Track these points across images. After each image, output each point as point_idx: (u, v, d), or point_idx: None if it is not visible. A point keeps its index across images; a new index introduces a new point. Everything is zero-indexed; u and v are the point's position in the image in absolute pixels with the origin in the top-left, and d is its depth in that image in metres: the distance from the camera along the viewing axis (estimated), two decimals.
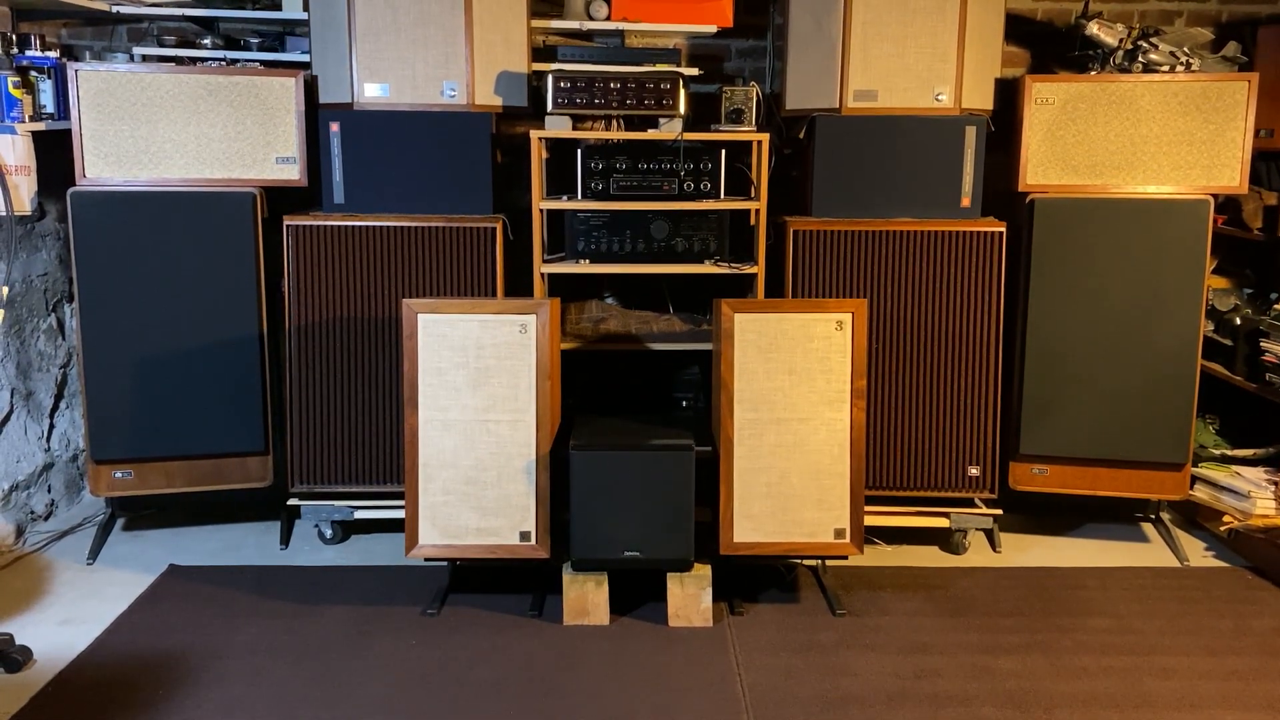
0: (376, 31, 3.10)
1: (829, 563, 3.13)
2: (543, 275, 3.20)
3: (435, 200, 3.18)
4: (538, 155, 3.13)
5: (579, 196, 3.18)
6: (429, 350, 2.84)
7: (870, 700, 2.46)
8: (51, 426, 3.54)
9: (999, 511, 3.27)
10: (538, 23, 3.41)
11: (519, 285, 3.28)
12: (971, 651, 2.69)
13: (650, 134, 3.17)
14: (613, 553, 2.80)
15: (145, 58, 3.41)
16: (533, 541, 2.86)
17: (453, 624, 2.82)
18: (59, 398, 3.58)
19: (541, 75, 3.21)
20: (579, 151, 3.16)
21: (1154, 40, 3.29)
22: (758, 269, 3.17)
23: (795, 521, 2.86)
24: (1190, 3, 3.75)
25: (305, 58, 3.40)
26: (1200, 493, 3.41)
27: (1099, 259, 3.15)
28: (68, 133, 3.07)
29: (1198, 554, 3.33)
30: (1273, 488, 3.28)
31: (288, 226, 3.14)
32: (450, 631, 2.78)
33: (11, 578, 3.10)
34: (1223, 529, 3.33)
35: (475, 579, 3.06)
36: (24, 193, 3.08)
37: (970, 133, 3.15)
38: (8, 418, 3.34)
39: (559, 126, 3.15)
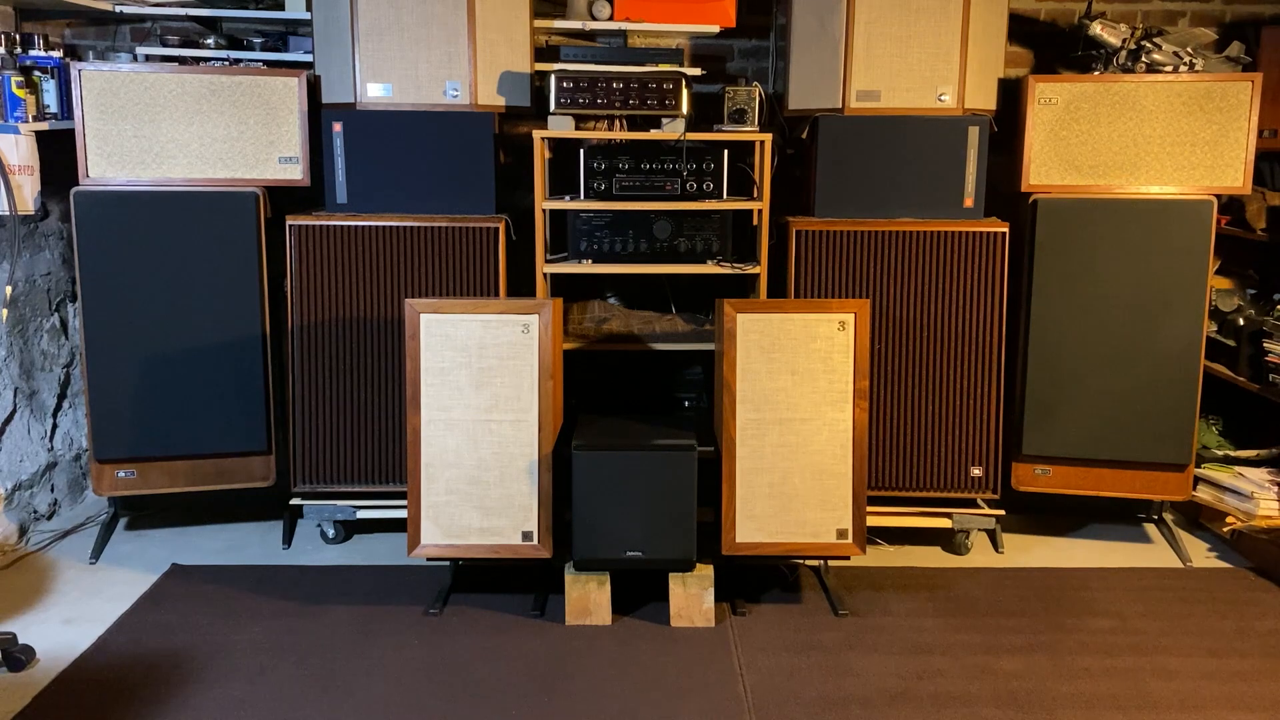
0: (379, 31, 3.10)
1: (831, 563, 3.13)
2: (545, 275, 3.20)
3: (438, 200, 3.18)
4: (540, 155, 3.13)
5: (581, 196, 3.18)
6: (432, 350, 2.84)
7: (872, 701, 2.46)
8: (54, 426, 3.55)
9: (1001, 512, 3.27)
10: (540, 23, 3.42)
11: (521, 285, 3.28)
12: (974, 652, 2.69)
13: (653, 134, 3.17)
14: (615, 553, 2.80)
15: (148, 57, 3.42)
16: (535, 541, 2.86)
17: (455, 624, 2.83)
18: (62, 397, 3.59)
19: (544, 75, 3.22)
20: (582, 151, 3.16)
21: (1157, 40, 3.29)
22: (760, 269, 3.17)
23: (798, 522, 2.86)
24: (1194, 3, 3.74)
25: (308, 58, 3.41)
26: (1203, 494, 3.41)
27: (1102, 259, 3.15)
28: (71, 132, 3.08)
29: (1200, 555, 3.33)
30: (1275, 489, 3.28)
31: (290, 226, 3.14)
32: (452, 631, 2.78)
33: (14, 577, 3.11)
34: (1225, 530, 3.33)
35: (477, 579, 3.06)
36: (27, 192, 3.09)
37: (973, 133, 3.15)
38: (11, 417, 3.34)
39: (562, 126, 3.15)
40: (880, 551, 3.31)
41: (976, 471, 3.22)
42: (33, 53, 3.19)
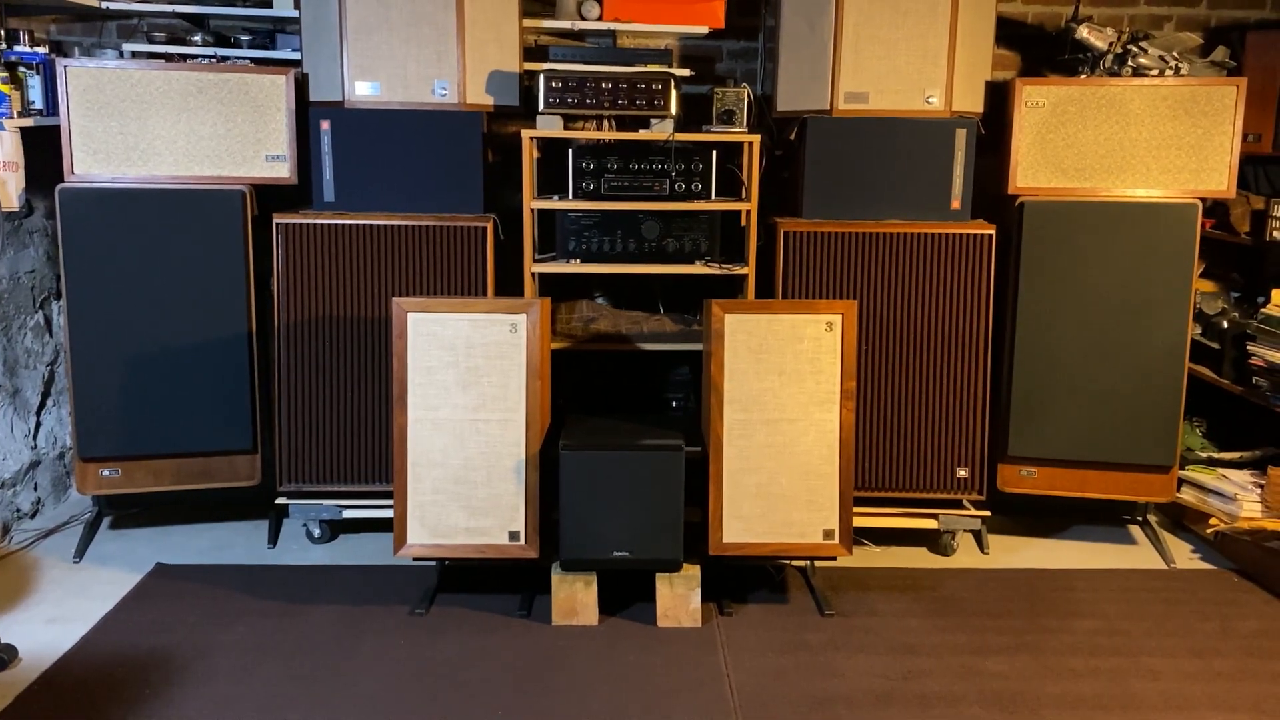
0: (368, 29, 3.09)
1: (818, 563, 3.13)
2: (533, 275, 3.19)
3: (426, 199, 3.17)
4: (529, 155, 3.13)
5: (570, 196, 3.18)
6: (419, 349, 2.84)
7: (858, 701, 2.46)
8: (38, 424, 3.53)
9: (987, 513, 3.28)
10: (530, 22, 3.41)
11: (510, 285, 3.27)
12: (959, 652, 2.70)
13: (642, 134, 3.17)
14: (602, 553, 2.80)
15: (135, 54, 3.40)
16: (522, 541, 2.86)
17: (441, 624, 2.82)
18: (46, 395, 3.56)
19: (533, 75, 3.21)
20: (570, 151, 3.16)
21: (1143, 44, 3.31)
22: (748, 270, 3.18)
23: (784, 522, 2.87)
24: (1179, 7, 3.77)
25: (296, 55, 3.40)
26: (1187, 495, 3.43)
27: (1088, 261, 3.16)
28: (56, 129, 3.06)
29: (1184, 556, 3.35)
30: (1258, 490, 3.30)
31: (277, 225, 3.13)
32: (438, 631, 2.78)
33: None
34: (1209, 531, 3.35)
35: (464, 579, 3.06)
36: (12, 189, 3.07)
37: (960, 135, 3.16)
38: None
39: (550, 126, 3.15)
40: (866, 552, 3.32)
41: (962, 473, 3.23)
42: (17, 48, 3.18)
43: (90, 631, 2.74)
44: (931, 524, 3.26)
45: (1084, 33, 3.34)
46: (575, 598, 2.82)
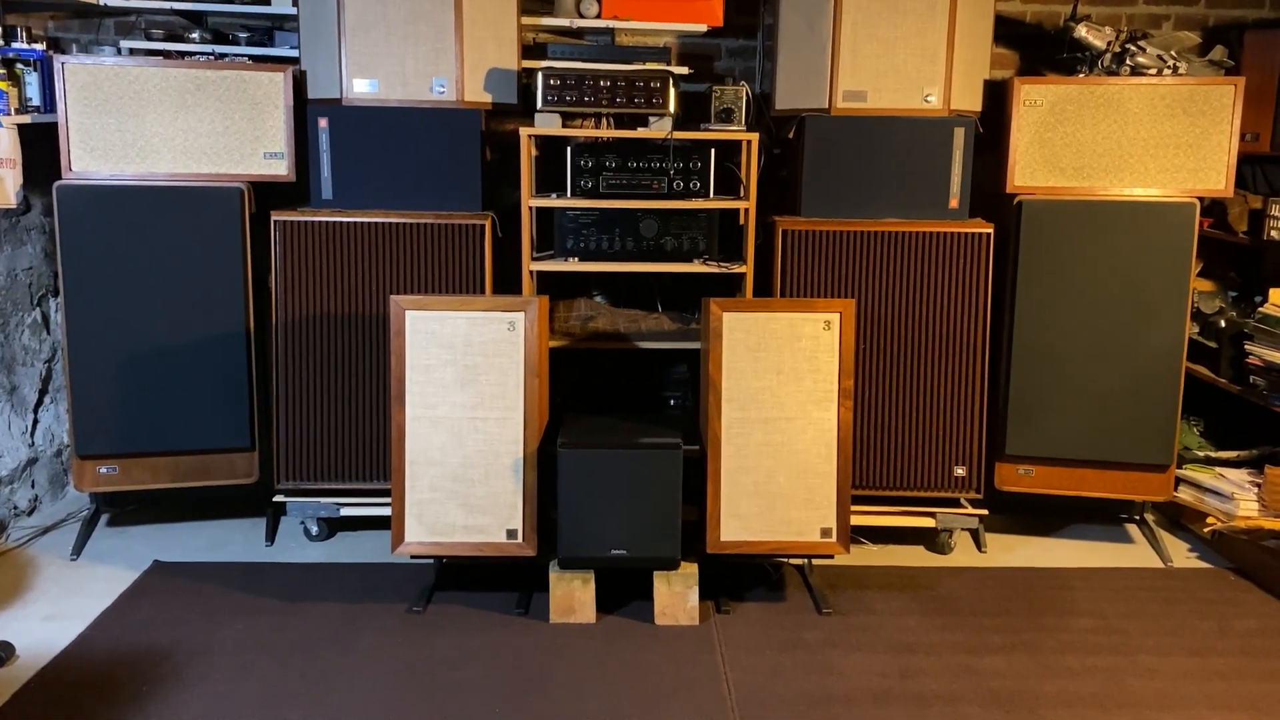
0: (366, 27, 3.09)
1: (815, 562, 3.14)
2: (531, 273, 3.19)
3: (424, 197, 3.17)
4: (527, 153, 3.13)
5: (568, 194, 3.18)
6: (417, 347, 2.84)
7: (856, 699, 2.46)
8: (35, 421, 3.52)
9: (984, 512, 3.29)
10: (528, 20, 3.41)
11: (508, 283, 3.27)
12: (957, 651, 2.70)
13: (640, 132, 3.17)
14: (600, 551, 2.80)
15: (133, 51, 3.40)
16: (519, 539, 2.86)
17: (438, 622, 2.82)
18: (43, 392, 3.56)
19: (531, 73, 3.21)
20: (568, 149, 3.16)
21: (1141, 43, 3.31)
22: (746, 268, 3.18)
23: (782, 520, 2.87)
24: (1178, 6, 3.77)
25: (294, 53, 3.39)
26: (1184, 494, 3.43)
27: (1086, 261, 3.16)
28: (54, 126, 3.05)
29: (1181, 555, 3.35)
30: (1255, 489, 3.30)
31: (275, 222, 3.13)
32: (436, 629, 2.78)
33: None
34: (1206, 530, 3.35)
35: (462, 576, 3.06)
36: (9, 186, 3.07)
37: (959, 134, 3.16)
38: None
39: (549, 124, 3.15)
40: (864, 550, 3.32)
41: (960, 471, 3.24)
42: (15, 45, 3.17)
43: (87, 629, 2.74)
44: (929, 523, 3.27)
45: (1082, 32, 3.34)
46: (573, 596, 2.82)
